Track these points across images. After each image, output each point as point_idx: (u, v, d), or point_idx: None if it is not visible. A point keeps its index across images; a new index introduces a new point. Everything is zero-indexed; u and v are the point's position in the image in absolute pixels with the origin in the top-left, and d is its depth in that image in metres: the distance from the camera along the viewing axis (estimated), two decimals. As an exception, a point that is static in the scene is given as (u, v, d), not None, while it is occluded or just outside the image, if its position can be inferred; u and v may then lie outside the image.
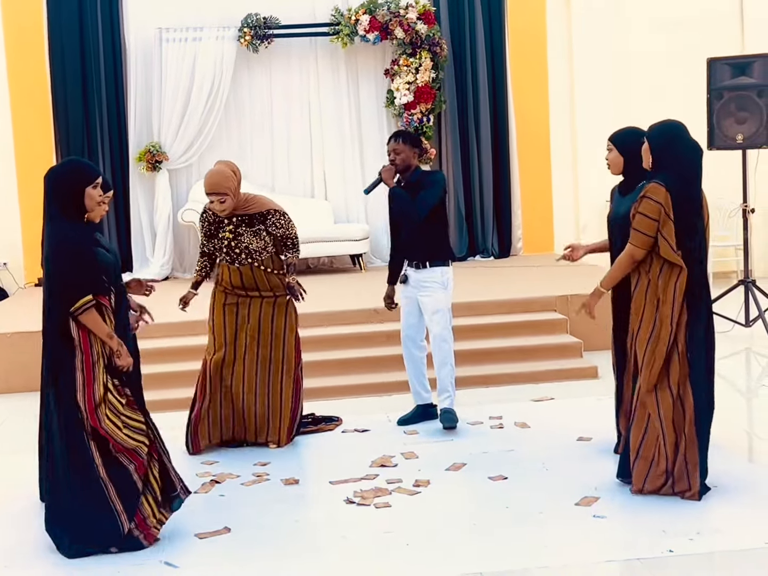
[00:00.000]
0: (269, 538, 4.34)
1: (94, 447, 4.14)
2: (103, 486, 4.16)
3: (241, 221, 5.55)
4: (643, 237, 4.38)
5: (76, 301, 4.07)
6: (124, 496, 4.18)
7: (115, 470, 4.17)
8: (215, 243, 5.61)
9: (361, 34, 10.12)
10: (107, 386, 4.15)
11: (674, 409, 4.44)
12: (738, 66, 8.03)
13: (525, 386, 6.79)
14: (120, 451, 4.17)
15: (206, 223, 5.63)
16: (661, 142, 4.44)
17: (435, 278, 5.75)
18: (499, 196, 10.65)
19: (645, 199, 4.37)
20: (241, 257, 5.56)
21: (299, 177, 10.60)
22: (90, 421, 4.10)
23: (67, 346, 4.11)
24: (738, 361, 7.43)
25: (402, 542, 4.19)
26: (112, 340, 4.16)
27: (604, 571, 3.93)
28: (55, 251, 4.10)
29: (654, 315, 4.42)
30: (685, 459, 4.46)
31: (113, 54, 10.10)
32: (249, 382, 5.63)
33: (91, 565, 4.11)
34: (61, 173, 4.24)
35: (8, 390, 7.19)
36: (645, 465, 4.53)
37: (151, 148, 10.03)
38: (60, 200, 4.14)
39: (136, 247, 10.26)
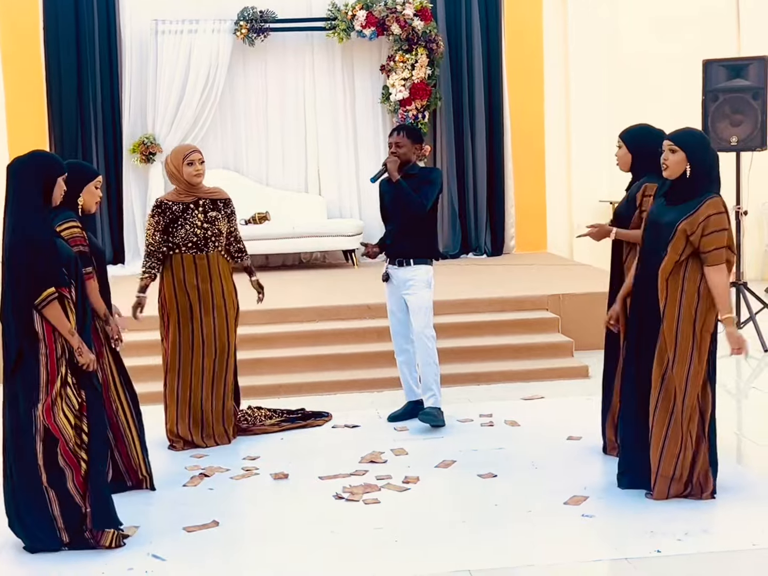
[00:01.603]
0: (257, 532, 4.34)
1: (40, 449, 4.07)
2: (45, 494, 4.10)
3: (207, 206, 5.52)
4: (726, 251, 4.34)
5: (40, 294, 4.02)
6: (65, 509, 4.11)
7: (58, 480, 4.10)
8: (182, 233, 5.43)
9: (358, 30, 10.10)
10: (66, 381, 4.10)
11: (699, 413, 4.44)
12: (733, 68, 8.04)
13: (515, 384, 6.79)
14: (65, 454, 4.08)
15: (167, 214, 5.45)
16: (700, 152, 4.37)
17: (419, 276, 5.75)
18: (492, 194, 10.64)
19: (718, 215, 4.30)
20: (210, 243, 5.49)
21: (293, 171, 10.56)
22: (45, 415, 4.03)
23: (30, 340, 4.05)
24: (728, 363, 7.42)
25: (390, 538, 4.19)
26: (73, 338, 4.11)
27: (592, 570, 3.93)
28: (16, 248, 4.02)
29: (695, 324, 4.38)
30: (707, 462, 4.47)
31: (108, 45, 10.05)
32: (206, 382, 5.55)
33: (76, 557, 4.09)
34: (30, 164, 4.13)
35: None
36: (665, 482, 4.50)
37: (145, 140, 10.00)
38: (27, 192, 4.06)
39: (128, 238, 10.21)
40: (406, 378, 5.95)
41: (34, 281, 4.02)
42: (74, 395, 4.12)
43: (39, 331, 4.06)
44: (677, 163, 4.39)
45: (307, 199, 10.46)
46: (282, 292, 8.22)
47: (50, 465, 4.08)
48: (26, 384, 4.07)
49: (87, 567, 4.00)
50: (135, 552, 4.12)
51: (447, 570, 3.89)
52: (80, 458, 4.12)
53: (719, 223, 4.31)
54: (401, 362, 5.94)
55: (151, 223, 5.51)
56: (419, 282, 5.75)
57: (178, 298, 5.50)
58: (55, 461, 4.09)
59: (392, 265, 5.82)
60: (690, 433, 4.42)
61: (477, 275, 9.23)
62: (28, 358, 4.06)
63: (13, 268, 4.04)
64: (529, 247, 10.80)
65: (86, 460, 4.14)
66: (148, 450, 4.90)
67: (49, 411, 4.04)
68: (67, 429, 4.08)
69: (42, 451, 4.08)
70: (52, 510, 4.10)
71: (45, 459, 4.08)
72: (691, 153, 4.36)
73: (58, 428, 4.06)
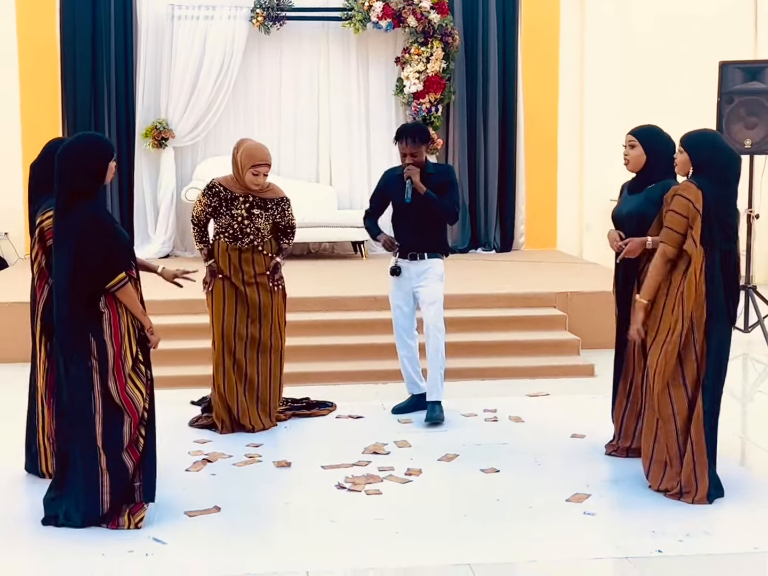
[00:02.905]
0: (258, 519, 4.35)
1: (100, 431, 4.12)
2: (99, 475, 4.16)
3: (255, 203, 5.55)
4: (674, 234, 4.33)
5: (112, 279, 4.06)
6: (115, 482, 4.17)
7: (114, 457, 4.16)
8: (223, 220, 5.54)
9: (374, 21, 10.08)
10: (137, 358, 4.17)
11: (688, 409, 4.44)
12: (750, 70, 7.99)
13: (521, 381, 6.78)
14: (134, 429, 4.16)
15: (216, 198, 5.51)
16: (701, 152, 4.39)
17: (434, 269, 5.74)
18: (503, 190, 10.62)
19: (677, 197, 4.33)
20: (247, 239, 5.55)
21: (305, 161, 10.55)
22: (120, 392, 4.09)
23: (95, 323, 4.09)
24: (735, 366, 7.41)
25: (391, 530, 4.19)
26: (145, 317, 4.20)
27: (592, 568, 3.93)
28: (86, 229, 4.03)
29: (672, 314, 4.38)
30: (693, 462, 4.44)
31: (124, 29, 10.03)
32: (251, 366, 5.61)
33: (77, 538, 4.11)
34: (86, 150, 4.13)
35: (7, 360, 7.17)
36: (660, 467, 4.53)
37: (157, 124, 10.00)
38: (85, 177, 4.07)
39: (138, 223, 10.21)
40: (409, 372, 5.94)
41: (105, 265, 4.05)
42: (144, 372, 4.20)
43: (105, 311, 4.09)
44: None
45: (318, 189, 10.45)
46: (290, 282, 8.19)
47: (108, 444, 4.14)
48: (88, 367, 4.09)
49: (88, 549, 4.01)
50: (136, 535, 4.13)
51: (447, 563, 3.89)
52: (141, 435, 4.21)
53: (677, 204, 4.33)
54: (404, 356, 5.92)
55: (202, 202, 5.56)
56: (433, 275, 5.74)
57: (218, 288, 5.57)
58: (116, 439, 4.14)
59: (403, 259, 5.78)
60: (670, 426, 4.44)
61: (485, 271, 9.22)
62: (95, 339, 4.08)
63: (77, 253, 4.03)
64: (538, 244, 10.79)
65: (144, 437, 4.22)
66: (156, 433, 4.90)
67: (123, 389, 4.10)
68: (139, 402, 4.16)
69: (101, 432, 4.13)
70: (102, 486, 4.15)
71: (104, 439, 4.13)
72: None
73: (133, 405, 4.13)
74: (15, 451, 4.94)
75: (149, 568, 3.87)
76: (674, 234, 4.34)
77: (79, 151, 4.13)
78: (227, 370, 5.58)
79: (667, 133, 4.88)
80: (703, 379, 4.42)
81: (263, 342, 5.62)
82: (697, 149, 4.41)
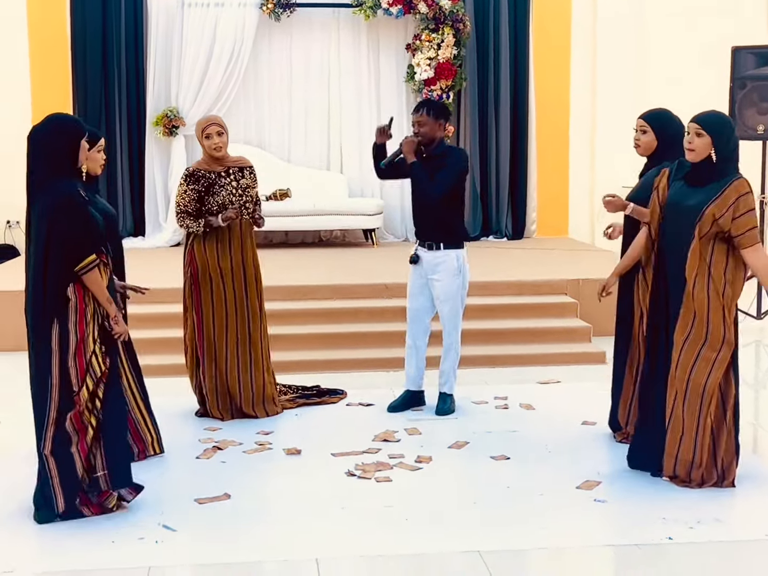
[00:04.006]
0: (268, 506, 4.36)
1: (52, 416, 4.07)
2: (45, 461, 4.11)
3: (237, 175, 5.55)
4: (757, 231, 4.31)
5: (81, 261, 4.01)
6: (64, 478, 4.12)
7: (61, 450, 4.10)
8: (218, 200, 5.45)
9: (384, 8, 10.03)
10: (94, 351, 4.10)
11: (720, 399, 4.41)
12: (763, 55, 7.93)
13: (532, 368, 6.76)
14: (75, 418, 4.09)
15: (201, 182, 5.43)
16: (726, 136, 4.32)
17: (449, 261, 5.56)
18: (515, 177, 10.57)
19: (746, 196, 4.26)
20: (244, 209, 5.54)
21: (315, 149, 10.52)
22: (78, 382, 4.05)
23: (61, 307, 4.04)
24: (747, 353, 7.38)
25: (401, 517, 4.19)
26: (111, 305, 4.13)
27: (602, 555, 3.93)
28: (55, 210, 3.97)
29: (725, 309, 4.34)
30: (731, 450, 4.45)
31: (135, 16, 10.01)
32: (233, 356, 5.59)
33: (88, 525, 4.12)
34: (54, 130, 4.08)
35: (18, 347, 7.10)
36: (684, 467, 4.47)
37: (168, 112, 9.99)
38: (54, 157, 4.02)
39: (149, 212, 10.21)
40: (411, 367, 5.81)
41: (74, 247, 4.00)
42: (98, 364, 4.12)
43: (71, 298, 4.04)
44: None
45: (329, 176, 10.43)
46: (301, 270, 8.23)
47: (56, 432, 4.08)
48: (49, 352, 4.05)
49: (97, 536, 4.02)
50: (146, 522, 4.14)
51: (457, 550, 3.89)
52: (88, 423, 4.13)
53: (748, 204, 4.27)
54: (411, 347, 5.79)
55: (186, 191, 5.45)
56: (448, 269, 5.56)
57: (210, 269, 5.50)
58: (62, 428, 4.08)
59: (422, 248, 5.64)
60: (710, 418, 4.39)
61: (497, 258, 9.18)
62: (59, 325, 4.03)
63: (49, 234, 3.98)
64: (550, 231, 10.74)
65: (94, 425, 4.14)
66: (166, 421, 4.92)
67: (83, 377, 4.05)
68: (83, 394, 4.08)
69: (54, 419, 4.08)
70: (51, 477, 4.11)
71: (55, 427, 4.08)
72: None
73: (80, 398, 4.08)
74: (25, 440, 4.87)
75: (159, 555, 3.88)
76: (757, 230, 4.32)
77: (47, 131, 4.09)
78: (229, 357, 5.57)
79: (678, 117, 4.86)
80: (734, 364, 4.42)
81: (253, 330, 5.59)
82: (721, 134, 4.31)
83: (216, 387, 5.61)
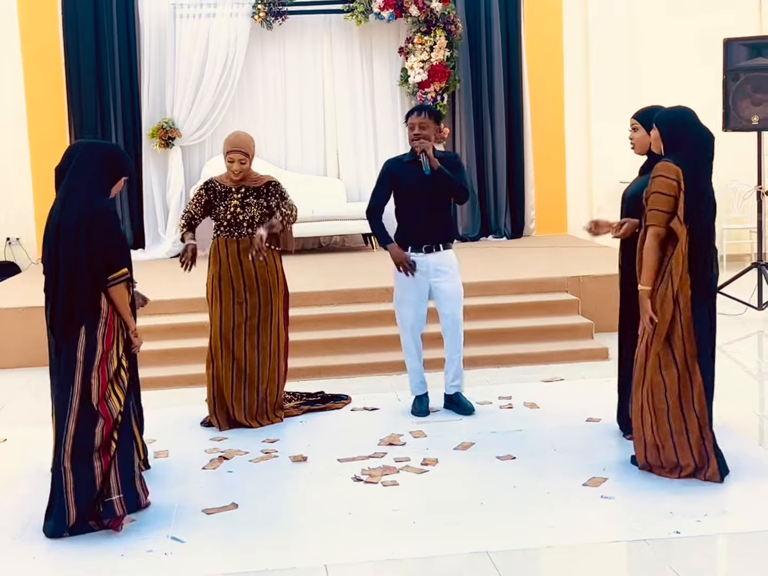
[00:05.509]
0: (277, 515, 4.35)
1: (72, 429, 4.07)
2: (62, 474, 4.11)
3: (248, 192, 5.58)
4: (662, 215, 4.31)
5: (113, 272, 4.09)
6: (80, 491, 4.10)
7: (82, 464, 4.09)
8: (218, 213, 5.58)
9: (376, 12, 10.05)
10: (120, 362, 4.15)
11: (680, 385, 4.42)
12: (755, 47, 7.93)
13: (535, 367, 6.76)
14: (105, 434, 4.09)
15: (210, 192, 5.62)
16: (672, 129, 4.41)
17: (452, 260, 5.62)
18: (512, 176, 10.58)
19: (658, 178, 4.32)
20: (242, 228, 5.55)
21: (312, 155, 10.55)
22: (99, 395, 4.06)
23: (92, 318, 4.07)
24: (750, 344, 7.39)
25: (409, 520, 4.18)
26: (131, 319, 4.20)
27: (611, 551, 3.92)
28: (96, 221, 4.06)
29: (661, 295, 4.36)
30: (702, 438, 4.44)
31: (127, 29, 10.04)
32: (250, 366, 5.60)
33: (97, 539, 4.11)
34: (118, 156, 4.33)
35: (20, 365, 7.20)
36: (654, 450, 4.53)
37: (164, 124, 10.01)
38: (106, 177, 4.21)
39: (148, 223, 10.24)
40: (420, 371, 5.80)
41: (112, 256, 4.09)
42: (125, 378, 4.17)
43: (103, 309, 4.09)
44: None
45: (326, 182, 10.44)
46: (301, 276, 8.22)
47: (77, 447, 4.08)
48: (73, 362, 4.06)
49: (106, 550, 4.01)
50: (154, 534, 4.13)
51: (465, 551, 3.88)
52: (113, 440, 4.14)
53: (661, 185, 4.31)
54: (415, 357, 5.75)
55: (196, 195, 5.68)
56: (453, 267, 5.61)
57: (214, 284, 5.60)
58: (85, 444, 4.08)
59: (417, 253, 5.58)
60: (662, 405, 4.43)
61: (497, 258, 9.18)
62: (89, 335, 4.06)
63: (88, 243, 4.04)
64: (549, 229, 10.75)
65: (117, 441, 4.15)
66: (170, 432, 4.91)
67: (104, 390, 4.07)
68: (115, 410, 4.11)
69: (74, 430, 4.08)
70: (66, 491, 4.10)
71: (73, 440, 4.08)
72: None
73: (108, 410, 4.09)
74: (40, 455, 4.97)
75: (169, 567, 3.88)
76: (661, 214, 4.32)
77: (106, 149, 4.33)
78: (224, 367, 5.58)
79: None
80: (697, 355, 4.40)
81: (262, 337, 5.60)
82: (670, 126, 4.42)
83: (213, 395, 5.62)
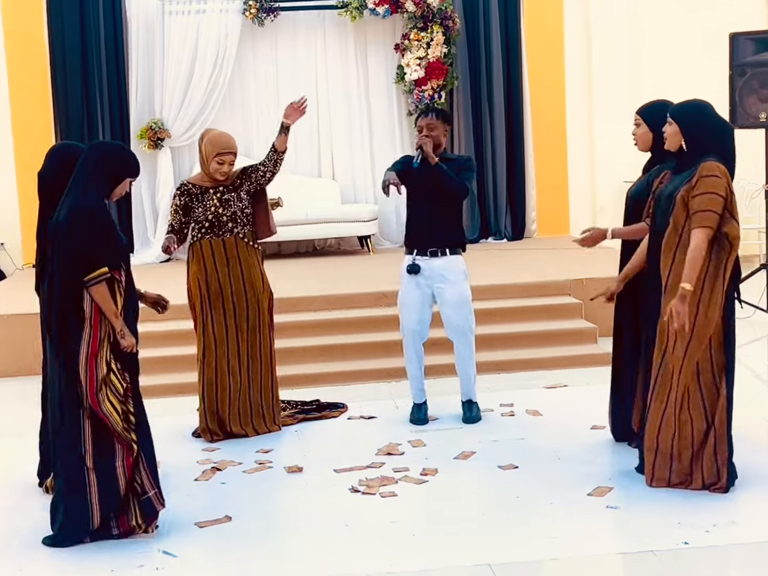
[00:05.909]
0: (271, 527, 4.29)
1: (88, 428, 4.05)
2: (85, 475, 4.06)
3: (225, 190, 5.48)
4: (714, 216, 4.14)
5: (93, 271, 4.01)
6: (103, 492, 4.07)
7: (104, 463, 4.07)
8: (198, 215, 5.45)
9: (371, 8, 9.92)
10: (110, 366, 4.07)
11: (709, 396, 4.29)
12: (762, 41, 7.80)
13: (537, 372, 6.66)
14: (117, 437, 4.07)
15: (186, 195, 5.48)
16: (692, 123, 4.25)
17: (458, 267, 5.49)
18: (512, 177, 10.46)
19: (711, 178, 4.15)
20: (226, 227, 5.44)
21: (306, 156, 10.40)
22: (89, 399, 4.01)
23: (76, 319, 4.03)
24: (760, 348, 7.27)
25: (408, 532, 4.11)
26: (117, 320, 4.09)
27: (617, 563, 3.86)
28: (77, 219, 4.02)
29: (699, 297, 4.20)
30: (714, 451, 4.31)
31: (114, 27, 9.87)
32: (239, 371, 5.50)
33: (86, 553, 4.04)
34: (121, 156, 4.23)
35: (5, 374, 7.07)
36: (665, 460, 4.38)
37: (153, 125, 9.87)
38: (104, 177, 4.13)
39: (137, 227, 10.08)
40: (420, 379, 5.69)
41: (90, 256, 4.02)
42: (119, 380, 4.09)
43: (86, 310, 4.04)
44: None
45: (321, 184, 10.32)
46: (295, 281, 8.11)
47: (98, 449, 4.06)
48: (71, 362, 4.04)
49: (95, 565, 3.93)
50: (145, 548, 4.06)
51: (466, 564, 3.80)
52: (131, 440, 4.09)
53: (709, 185, 4.15)
54: (417, 365, 5.64)
55: (173, 204, 5.56)
56: (459, 273, 5.48)
57: (200, 288, 5.47)
58: (105, 441, 4.06)
59: (422, 256, 5.47)
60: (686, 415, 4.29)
61: (497, 260, 9.06)
62: (73, 338, 4.03)
63: (69, 241, 4.02)
64: (551, 230, 10.61)
65: (136, 440, 4.11)
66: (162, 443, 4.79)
67: (93, 396, 4.02)
68: (113, 415, 4.05)
69: (90, 430, 4.06)
70: (90, 494, 4.06)
71: (93, 439, 4.06)
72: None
73: (104, 415, 4.04)
74: (26, 466, 4.91)
75: (158, 584, 3.78)
76: (715, 216, 4.15)
77: (108, 149, 4.27)
78: (217, 375, 5.46)
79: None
80: (725, 366, 4.28)
81: (252, 343, 5.49)
82: (690, 121, 4.26)
83: (205, 405, 5.50)
